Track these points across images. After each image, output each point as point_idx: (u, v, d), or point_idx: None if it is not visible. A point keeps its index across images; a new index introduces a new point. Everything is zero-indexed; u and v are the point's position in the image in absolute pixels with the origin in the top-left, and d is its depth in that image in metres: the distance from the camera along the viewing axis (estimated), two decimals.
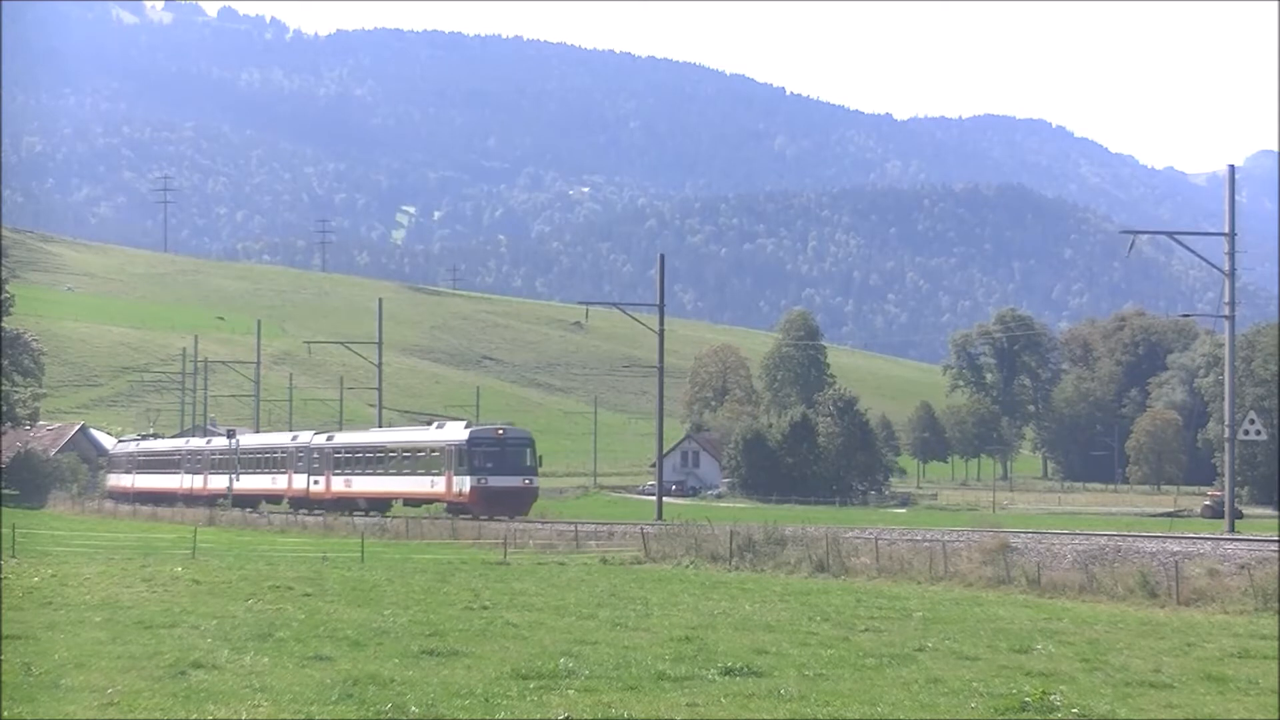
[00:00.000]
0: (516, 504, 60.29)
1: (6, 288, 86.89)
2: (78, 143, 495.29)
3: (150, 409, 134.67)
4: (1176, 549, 34.78)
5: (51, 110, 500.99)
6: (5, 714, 14.77)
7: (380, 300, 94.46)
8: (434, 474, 62.15)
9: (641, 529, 49.16)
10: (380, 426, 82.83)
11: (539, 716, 15.17)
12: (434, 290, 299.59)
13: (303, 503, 71.98)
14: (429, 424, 69.80)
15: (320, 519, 67.39)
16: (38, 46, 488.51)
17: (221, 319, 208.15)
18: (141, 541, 51.31)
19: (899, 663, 19.22)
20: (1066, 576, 32.44)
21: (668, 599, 28.74)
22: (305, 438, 75.25)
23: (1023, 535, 40.74)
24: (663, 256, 71.60)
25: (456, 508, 60.37)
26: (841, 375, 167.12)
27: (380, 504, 66.88)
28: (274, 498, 77.52)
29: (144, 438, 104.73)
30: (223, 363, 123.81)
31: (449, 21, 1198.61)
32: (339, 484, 69.34)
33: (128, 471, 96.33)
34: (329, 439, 72.84)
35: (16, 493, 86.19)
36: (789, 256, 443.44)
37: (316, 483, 70.91)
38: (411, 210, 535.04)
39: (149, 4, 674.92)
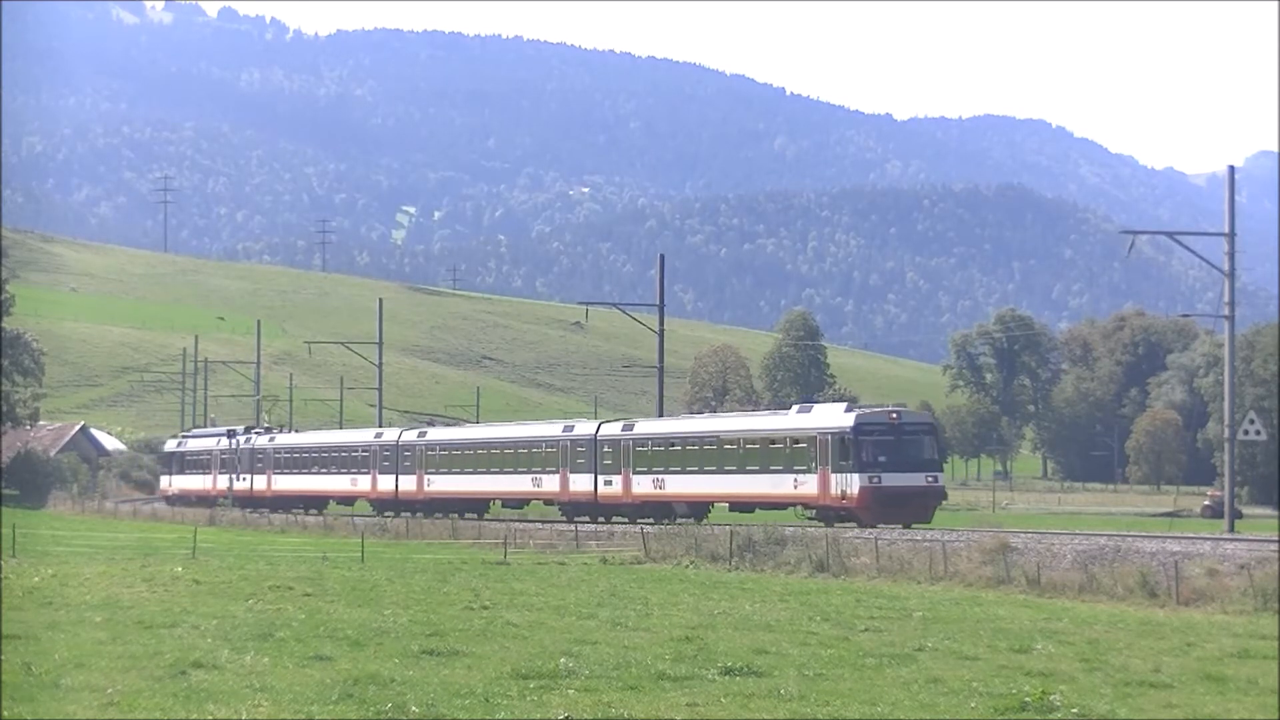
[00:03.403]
0: (919, 508, 48.58)
1: (7, 288, 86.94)
2: (78, 143, 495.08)
3: (268, 397, 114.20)
4: (1176, 549, 34.80)
5: (51, 110, 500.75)
6: (5, 714, 14.77)
7: (380, 300, 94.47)
8: (798, 470, 49.66)
9: (641, 529, 49.22)
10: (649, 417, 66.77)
11: (539, 716, 15.19)
12: (434, 290, 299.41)
13: (582, 507, 58.73)
14: (786, 408, 57.20)
15: (320, 519, 67.22)
16: (38, 46, 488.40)
17: (221, 319, 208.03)
18: (142, 541, 51.35)
19: (899, 663, 19.25)
20: (1066, 576, 32.49)
21: (668, 599, 28.77)
22: (586, 427, 61.14)
23: (1022, 535, 40.79)
24: (663, 256, 71.63)
25: (833, 513, 48.68)
26: (841, 375, 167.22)
27: (701, 508, 55.23)
28: (515, 501, 65.33)
29: (260, 431, 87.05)
30: (223, 363, 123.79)
31: (449, 21, 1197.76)
32: (645, 484, 56.10)
33: (258, 471, 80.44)
34: (626, 428, 58.81)
35: (16, 493, 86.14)
36: (789, 256, 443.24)
37: (608, 483, 57.40)
38: (411, 210, 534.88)
39: (149, 4, 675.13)
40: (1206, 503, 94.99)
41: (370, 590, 29.88)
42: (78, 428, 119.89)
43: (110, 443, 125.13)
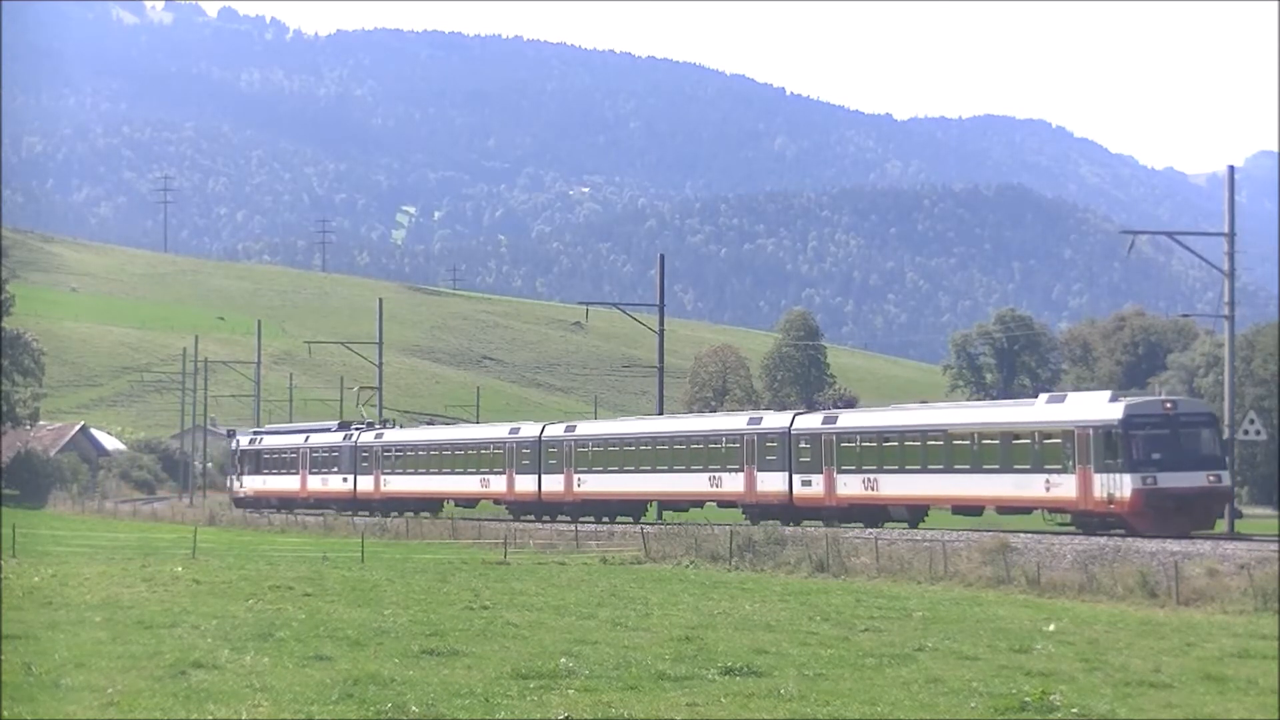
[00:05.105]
0: (1201, 513, 41.81)
1: (7, 288, 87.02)
2: (78, 143, 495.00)
3: (365, 388, 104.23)
4: (1176, 549, 34.81)
5: (51, 110, 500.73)
6: (5, 714, 14.77)
7: (380, 300, 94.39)
8: (1050, 470, 42.65)
9: (641, 529, 49.24)
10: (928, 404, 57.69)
11: (539, 716, 15.19)
12: (434, 290, 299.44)
13: (773, 510, 51.94)
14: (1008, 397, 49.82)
15: (320, 519, 66.96)
16: (38, 46, 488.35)
17: (222, 319, 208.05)
18: (142, 541, 51.36)
19: (899, 663, 19.25)
20: (1066, 576, 32.51)
21: (668, 599, 28.77)
22: (776, 420, 54.45)
23: (1023, 535, 40.78)
24: (663, 256, 71.67)
25: (1095, 519, 42.06)
26: (841, 375, 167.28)
27: (919, 510, 49.12)
28: (683, 503, 58.60)
29: (360, 427, 77.15)
30: (223, 363, 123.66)
31: (449, 21, 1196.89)
32: (853, 485, 49.42)
33: (363, 471, 72.70)
34: (828, 420, 51.49)
35: (16, 493, 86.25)
36: (789, 256, 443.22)
37: (806, 483, 51.09)
38: (411, 210, 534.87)
39: (149, 4, 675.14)
40: None
41: (370, 590, 29.88)
42: (78, 428, 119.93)
43: (110, 443, 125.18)
